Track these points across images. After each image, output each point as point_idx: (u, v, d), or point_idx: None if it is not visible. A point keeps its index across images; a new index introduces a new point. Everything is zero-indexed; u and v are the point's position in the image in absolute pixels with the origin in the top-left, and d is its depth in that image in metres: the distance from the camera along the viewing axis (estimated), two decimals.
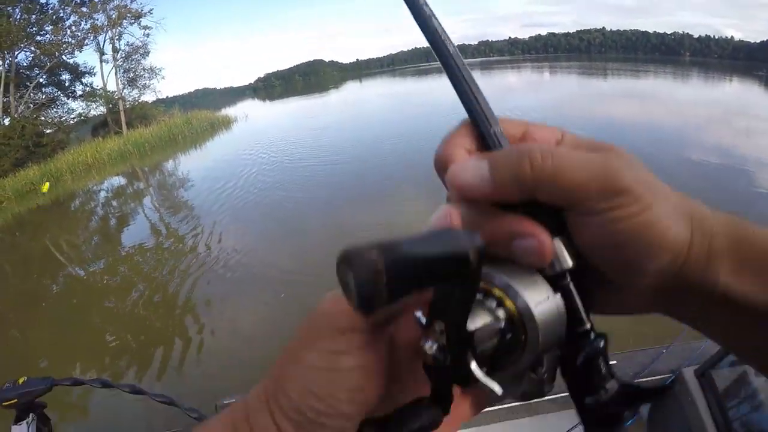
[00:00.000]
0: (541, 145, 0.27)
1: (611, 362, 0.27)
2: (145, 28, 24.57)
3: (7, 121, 19.82)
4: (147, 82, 25.88)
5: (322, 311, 0.26)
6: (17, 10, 20.61)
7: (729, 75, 39.97)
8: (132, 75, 25.35)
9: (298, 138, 14.85)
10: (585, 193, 0.25)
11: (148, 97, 26.92)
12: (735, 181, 7.40)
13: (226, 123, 23.55)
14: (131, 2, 23.83)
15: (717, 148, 9.43)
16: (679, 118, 14.06)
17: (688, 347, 1.80)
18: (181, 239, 7.33)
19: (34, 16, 21.31)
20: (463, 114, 0.30)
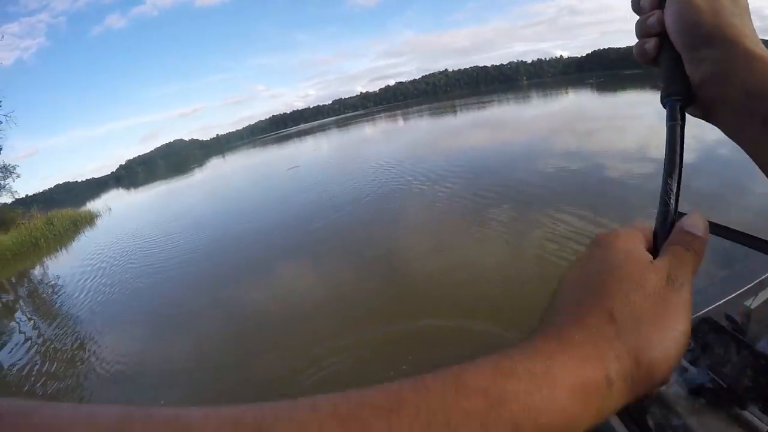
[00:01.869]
0: None
1: None
2: None
3: None
4: (1, 182, 23.31)
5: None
6: None
7: (564, 88, 45.96)
8: None
9: (157, 237, 13.50)
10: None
11: (5, 199, 24.72)
12: (589, 177, 8.25)
13: (89, 219, 22.46)
14: None
15: (567, 154, 10.58)
16: (527, 135, 15.57)
17: None
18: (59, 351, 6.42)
19: None
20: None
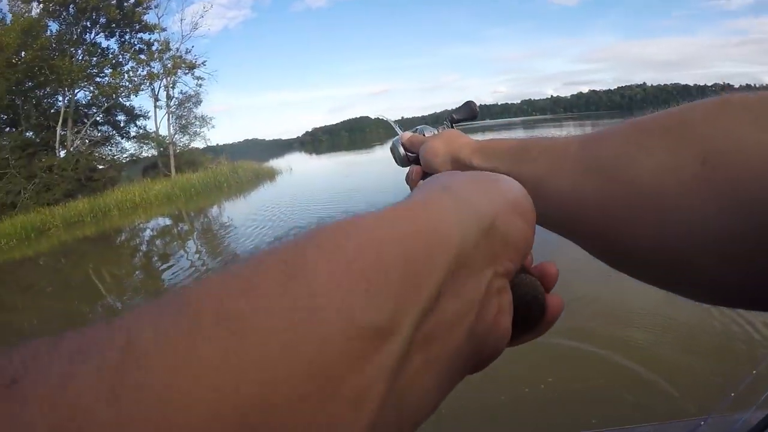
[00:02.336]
0: None
1: None
2: (199, 78, 25.63)
3: (62, 154, 20.91)
4: (197, 129, 26.78)
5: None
6: (80, 51, 22.14)
7: None
8: (184, 122, 26.28)
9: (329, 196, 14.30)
10: (413, 147, 0.71)
11: (198, 144, 27.68)
12: None
13: (271, 175, 23.61)
14: (186, 53, 25.04)
15: None
16: None
17: (730, 418, 1.65)
18: None
19: (95, 59, 22.77)
20: None
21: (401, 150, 0.72)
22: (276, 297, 0.17)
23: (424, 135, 0.71)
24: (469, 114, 0.77)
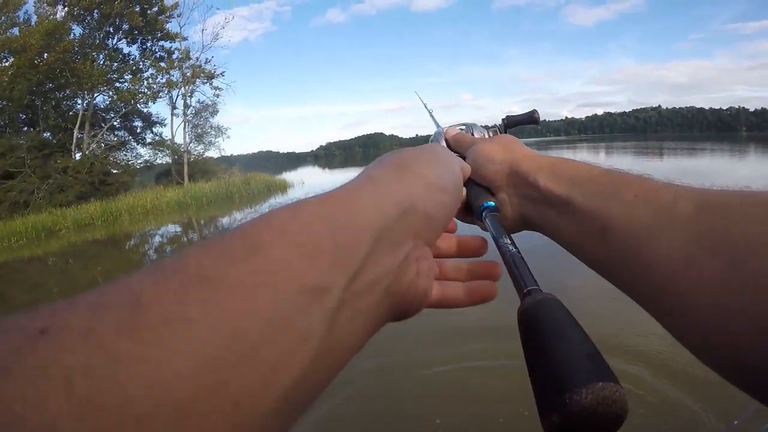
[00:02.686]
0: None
1: None
2: (217, 88, 25.66)
3: (78, 156, 21.06)
4: (213, 139, 26.80)
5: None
6: (101, 56, 22.38)
7: None
8: (199, 131, 26.31)
9: None
10: (460, 148, 0.57)
11: (212, 153, 27.71)
12: None
13: (283, 187, 23.47)
14: (206, 63, 25.15)
15: None
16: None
17: (753, 426, 1.56)
18: None
19: (115, 64, 23.02)
20: None
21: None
22: (241, 264, 0.21)
23: (472, 134, 0.63)
24: (528, 121, 0.69)
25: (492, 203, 0.49)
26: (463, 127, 0.64)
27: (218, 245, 0.23)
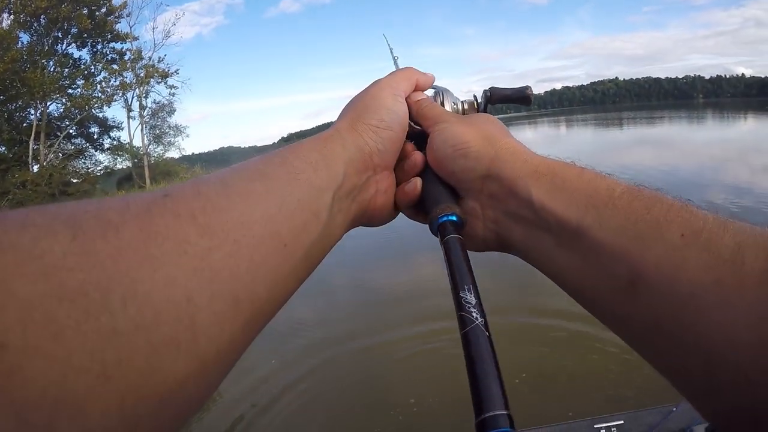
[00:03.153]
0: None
1: (619, 422, 0.31)
2: (172, 87, 25.38)
3: (36, 168, 20.53)
4: (172, 139, 26.51)
5: (389, 80, 0.46)
6: (51, 62, 21.72)
7: (743, 112, 39.77)
8: (158, 132, 26.05)
9: None
10: (423, 121, 0.46)
11: (173, 154, 27.40)
12: (757, 218, 7.11)
13: None
14: (159, 62, 24.80)
15: (737, 188, 9.29)
16: (695, 160, 13.91)
17: None
18: None
19: (66, 70, 22.40)
20: None
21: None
22: (279, 166, 0.34)
23: (442, 104, 0.50)
24: (518, 98, 0.52)
25: (455, 216, 0.39)
26: (431, 91, 0.50)
27: (261, 163, 0.34)
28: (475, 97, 0.52)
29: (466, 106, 0.51)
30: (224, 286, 0.24)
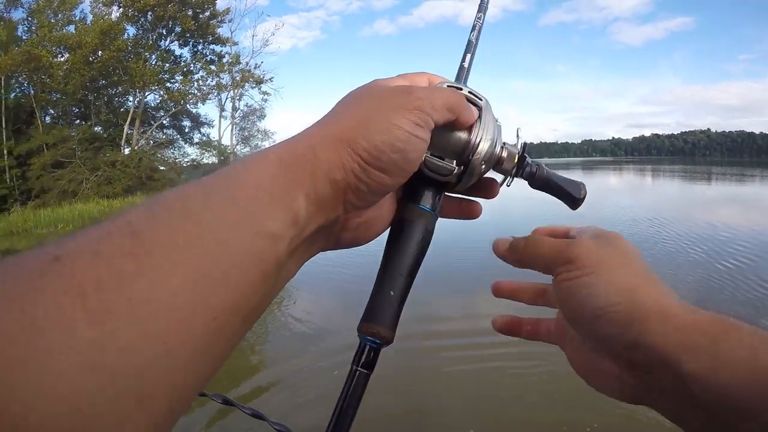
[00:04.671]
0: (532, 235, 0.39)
1: None
2: (265, 93, 26.04)
3: (127, 151, 21.63)
4: (259, 142, 27.17)
5: (417, 95, 0.32)
6: (153, 56, 23.05)
7: None
8: (246, 133, 26.94)
9: None
10: (547, 261, 0.36)
11: None
12: None
13: None
14: (255, 68, 25.61)
15: None
16: None
17: None
18: None
19: (167, 65, 23.69)
20: None
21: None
22: (219, 206, 0.26)
23: (478, 138, 0.37)
24: (565, 197, 0.42)
25: (379, 342, 0.36)
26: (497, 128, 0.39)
27: (202, 188, 0.26)
28: (524, 146, 0.40)
29: (504, 154, 0.39)
30: (124, 383, 0.19)
